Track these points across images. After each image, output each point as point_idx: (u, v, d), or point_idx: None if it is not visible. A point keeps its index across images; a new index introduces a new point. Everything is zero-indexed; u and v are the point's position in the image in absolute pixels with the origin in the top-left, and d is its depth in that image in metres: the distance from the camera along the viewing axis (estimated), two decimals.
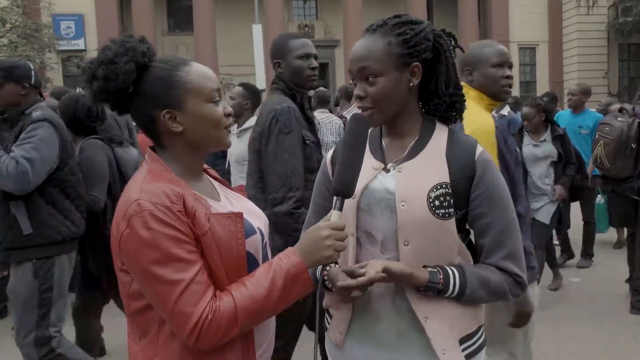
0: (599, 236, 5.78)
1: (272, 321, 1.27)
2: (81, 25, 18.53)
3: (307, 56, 2.31)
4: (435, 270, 1.21)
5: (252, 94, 3.99)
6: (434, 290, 1.20)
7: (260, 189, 2.26)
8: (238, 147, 3.70)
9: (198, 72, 1.17)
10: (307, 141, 2.26)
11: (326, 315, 1.44)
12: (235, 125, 3.93)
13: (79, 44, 18.55)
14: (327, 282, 1.26)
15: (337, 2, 21.07)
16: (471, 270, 1.25)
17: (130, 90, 1.13)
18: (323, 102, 5.05)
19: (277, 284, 1.08)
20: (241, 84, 4.14)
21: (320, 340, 1.39)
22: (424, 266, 1.21)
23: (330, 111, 5.07)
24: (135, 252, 1.05)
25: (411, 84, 1.26)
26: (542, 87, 22.48)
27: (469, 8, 20.13)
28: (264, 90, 15.17)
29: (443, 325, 1.23)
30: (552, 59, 22.44)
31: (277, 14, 19.83)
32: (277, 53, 2.38)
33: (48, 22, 16.85)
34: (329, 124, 4.67)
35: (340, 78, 21.13)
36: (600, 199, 5.65)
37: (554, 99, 6.06)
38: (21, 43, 14.96)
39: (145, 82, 1.13)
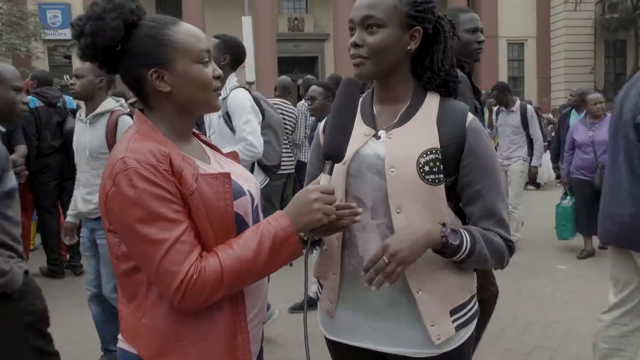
0: (563, 244, 5.62)
1: (263, 284, 1.26)
2: (68, 14, 18.27)
3: (474, 30, 2.41)
4: (447, 225, 1.21)
5: (230, 48, 3.12)
6: (451, 248, 1.20)
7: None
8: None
9: (187, 31, 1.15)
10: (477, 108, 2.38)
11: (317, 285, 1.44)
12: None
13: (66, 33, 18.25)
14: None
15: None
16: (474, 227, 1.26)
17: (118, 48, 1.11)
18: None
19: (264, 246, 1.07)
20: (216, 36, 3.19)
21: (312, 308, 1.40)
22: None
23: None
24: (121, 211, 1.04)
25: (409, 47, 1.26)
26: (530, 83, 22.63)
27: (458, 3, 20.18)
28: (253, 83, 15.17)
29: (435, 297, 1.24)
30: (540, 55, 22.57)
31: (267, 6, 19.69)
32: None
33: (34, 10, 16.59)
34: None
35: (330, 70, 21.09)
36: (567, 200, 5.42)
37: (507, 89, 6.12)
38: (6, 31, 14.71)
39: (133, 40, 1.12)
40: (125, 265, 1.12)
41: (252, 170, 3.15)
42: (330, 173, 1.15)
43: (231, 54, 3.07)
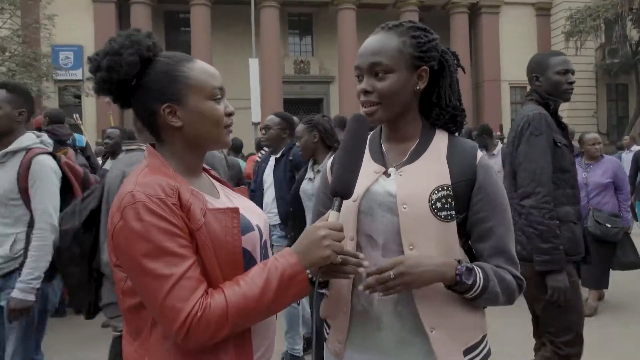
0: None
1: (271, 324, 1.23)
2: (80, 55, 18.74)
3: (565, 72, 2.50)
4: (462, 262, 1.20)
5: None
6: (463, 287, 1.19)
7: (513, 188, 2.47)
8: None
9: (201, 68, 1.17)
10: (559, 144, 2.42)
11: (324, 325, 1.41)
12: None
13: (77, 74, 18.71)
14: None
15: (332, 40, 21.48)
16: (487, 265, 1.25)
17: (133, 82, 1.13)
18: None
19: (271, 283, 1.05)
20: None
21: (320, 348, 1.37)
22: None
23: None
24: (127, 244, 1.03)
25: (417, 87, 1.27)
26: None
27: (461, 48, 20.57)
28: (258, 124, 15.33)
29: (449, 336, 1.21)
30: None
31: (274, 49, 20.16)
32: (537, 68, 2.59)
33: (47, 51, 17.02)
34: None
35: (335, 112, 21.36)
36: None
37: (487, 132, 6.18)
38: (19, 71, 15.07)
39: (148, 75, 1.14)
40: (130, 300, 1.11)
41: None
42: (339, 210, 1.13)
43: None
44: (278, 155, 3.86)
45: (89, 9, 19.22)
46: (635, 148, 9.90)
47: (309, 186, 3.28)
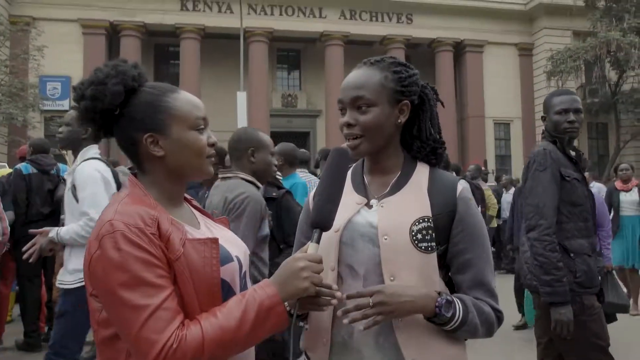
0: (523, 334, 5.16)
1: (250, 355, 1.22)
2: (68, 86, 18.75)
3: (565, 111, 2.56)
4: (443, 294, 1.20)
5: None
6: (442, 319, 1.19)
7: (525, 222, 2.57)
8: None
9: (185, 99, 1.18)
10: (567, 178, 2.49)
11: (305, 357, 1.39)
12: None
13: (64, 104, 18.68)
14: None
15: (319, 75, 21.85)
16: (467, 297, 1.25)
17: (116, 112, 1.14)
18: (302, 163, 5.33)
19: (249, 315, 1.04)
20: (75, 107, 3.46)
21: None
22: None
23: (313, 173, 5.31)
24: (104, 274, 1.01)
25: (399, 121, 1.30)
26: (517, 160, 23.16)
27: (446, 84, 21.07)
28: None
29: None
30: (525, 134, 23.28)
31: (262, 83, 20.44)
32: (544, 108, 2.70)
33: (35, 82, 17.04)
34: (308, 183, 4.86)
35: (322, 145, 21.53)
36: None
37: (477, 170, 6.38)
38: (5, 101, 15.03)
39: (132, 104, 1.14)
40: (105, 332, 1.08)
41: None
42: (318, 242, 1.14)
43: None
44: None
45: (79, 40, 19.38)
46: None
47: None
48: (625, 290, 4.40)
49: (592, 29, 19.71)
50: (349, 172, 1.39)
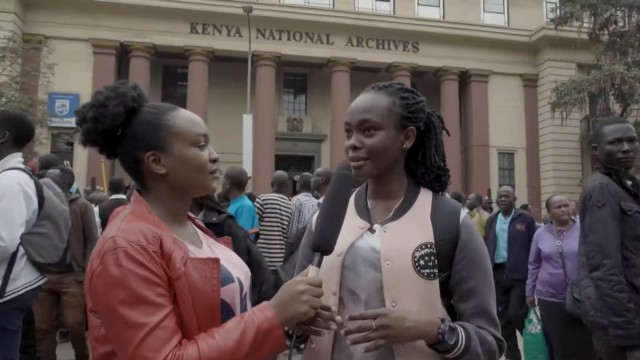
0: None
1: None
2: (76, 104, 18.87)
3: (618, 140, 2.46)
4: (446, 321, 1.19)
5: (12, 124, 2.82)
6: (445, 347, 1.17)
7: (584, 256, 2.48)
8: None
9: (184, 117, 1.20)
10: (628, 212, 2.38)
11: None
12: None
13: (71, 121, 18.72)
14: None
15: (325, 100, 22.02)
16: (469, 325, 1.24)
17: (118, 132, 1.16)
18: (306, 186, 5.41)
19: (247, 337, 1.03)
20: None
21: None
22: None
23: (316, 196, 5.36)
24: (104, 290, 1.02)
25: (404, 146, 1.31)
26: (521, 190, 23.09)
27: (451, 113, 21.17)
28: (250, 178, 15.36)
29: None
30: (529, 165, 23.28)
31: (268, 106, 20.59)
32: (595, 138, 2.61)
33: (44, 99, 17.22)
34: (311, 207, 5.02)
35: None
36: (533, 325, 4.34)
37: (478, 199, 6.36)
38: None
39: (133, 124, 1.16)
40: (102, 348, 1.08)
41: (11, 265, 2.61)
42: (319, 265, 1.13)
43: (12, 130, 2.72)
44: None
45: (89, 59, 19.63)
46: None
47: None
48: None
49: (596, 62, 19.87)
50: (353, 196, 1.40)
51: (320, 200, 5.06)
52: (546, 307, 4.11)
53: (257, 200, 5.14)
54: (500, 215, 5.66)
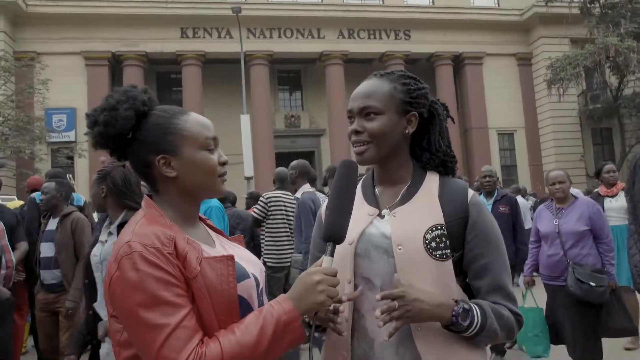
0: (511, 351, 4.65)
1: None
2: (73, 118, 18.95)
3: None
4: (460, 302, 1.21)
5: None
6: (459, 328, 1.19)
7: (636, 222, 2.58)
8: None
9: (195, 120, 1.21)
10: None
11: None
12: None
13: (70, 135, 18.87)
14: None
15: (321, 94, 21.99)
16: (485, 303, 1.25)
17: (129, 136, 1.17)
18: (311, 181, 5.38)
19: (267, 331, 1.05)
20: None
21: None
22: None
23: (321, 191, 5.36)
24: (123, 295, 1.03)
25: (406, 131, 1.32)
26: (523, 170, 23.11)
27: (447, 97, 21.07)
28: (252, 178, 15.43)
29: None
30: (530, 144, 23.25)
31: (264, 105, 20.60)
32: None
33: (41, 115, 17.23)
34: (316, 200, 4.90)
35: (327, 164, 21.56)
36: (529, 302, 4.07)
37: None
38: (12, 135, 15.21)
39: (144, 128, 1.17)
40: (126, 352, 1.10)
41: None
42: (332, 255, 1.14)
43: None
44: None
45: (82, 72, 19.63)
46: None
47: (98, 250, 2.66)
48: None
49: (590, 36, 19.80)
50: (360, 184, 1.41)
51: (297, 194, 5.04)
52: (547, 291, 3.97)
53: (260, 198, 5.15)
54: (482, 196, 5.19)
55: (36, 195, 5.00)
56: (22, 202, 5.64)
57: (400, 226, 1.27)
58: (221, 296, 1.09)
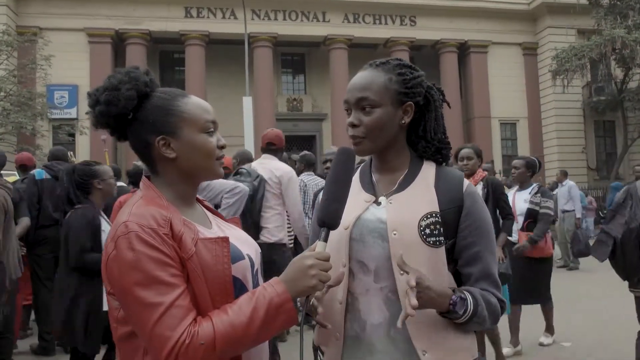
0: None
1: (263, 350, 1.25)
2: (75, 94, 18.90)
3: None
4: (457, 291, 1.23)
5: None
6: (455, 316, 1.22)
7: None
8: None
9: (195, 103, 1.23)
10: None
11: (318, 352, 1.42)
12: None
13: (71, 112, 18.83)
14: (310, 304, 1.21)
15: (324, 78, 21.89)
16: (477, 291, 1.29)
17: (129, 116, 1.18)
18: (309, 165, 5.43)
19: (259, 312, 1.07)
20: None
21: None
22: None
23: (321, 176, 5.43)
24: (119, 273, 1.06)
25: (402, 121, 1.33)
26: None
27: (451, 85, 21.03)
28: (252, 160, 15.36)
29: (440, 359, 1.24)
30: (532, 134, 23.19)
31: (267, 87, 20.50)
32: None
33: (42, 91, 17.17)
34: (314, 186, 5.12)
35: (328, 148, 21.54)
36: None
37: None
38: (14, 110, 15.19)
39: (145, 109, 1.19)
40: (123, 329, 1.13)
41: None
42: (326, 240, 1.16)
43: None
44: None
45: (85, 49, 19.51)
46: (567, 182, 10.48)
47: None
48: None
49: (597, 27, 19.63)
50: (357, 172, 1.43)
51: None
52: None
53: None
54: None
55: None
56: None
57: (396, 212, 1.29)
58: (216, 277, 1.12)
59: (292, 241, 5.12)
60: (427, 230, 1.25)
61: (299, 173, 5.70)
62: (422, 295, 1.16)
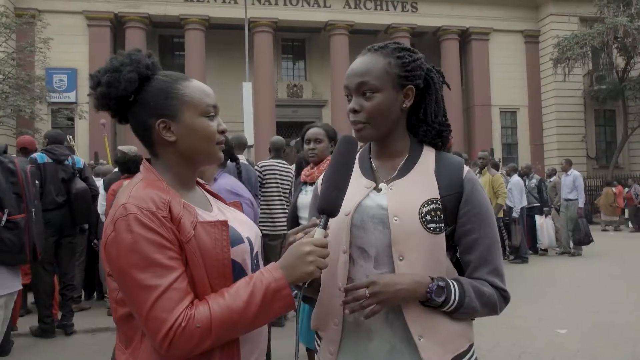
0: None
1: (263, 333, 1.26)
2: (74, 78, 18.80)
3: None
4: (435, 280, 1.24)
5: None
6: (434, 304, 1.23)
7: None
8: None
9: (196, 87, 1.23)
10: None
11: (315, 337, 1.43)
12: None
13: (70, 96, 18.75)
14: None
15: (325, 64, 21.78)
16: (466, 280, 1.29)
17: (130, 98, 1.18)
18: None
19: (256, 297, 1.08)
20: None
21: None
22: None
23: None
24: (118, 255, 1.06)
25: (404, 105, 1.32)
26: (524, 149, 23.07)
27: (452, 72, 20.92)
28: (252, 146, 15.39)
29: (437, 344, 1.24)
30: (532, 122, 23.15)
31: (267, 73, 20.40)
32: None
33: (41, 74, 17.07)
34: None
35: None
36: None
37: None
38: (13, 93, 15.11)
39: (145, 91, 1.19)
40: (122, 310, 1.13)
41: None
42: (325, 227, 1.16)
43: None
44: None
45: (84, 32, 19.37)
46: (572, 172, 10.59)
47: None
48: None
49: (599, 15, 19.48)
50: (357, 158, 1.43)
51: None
52: None
53: (255, 167, 5.15)
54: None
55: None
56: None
57: (397, 198, 1.29)
58: (214, 260, 1.12)
59: None
60: (428, 217, 1.25)
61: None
62: (384, 292, 1.19)
